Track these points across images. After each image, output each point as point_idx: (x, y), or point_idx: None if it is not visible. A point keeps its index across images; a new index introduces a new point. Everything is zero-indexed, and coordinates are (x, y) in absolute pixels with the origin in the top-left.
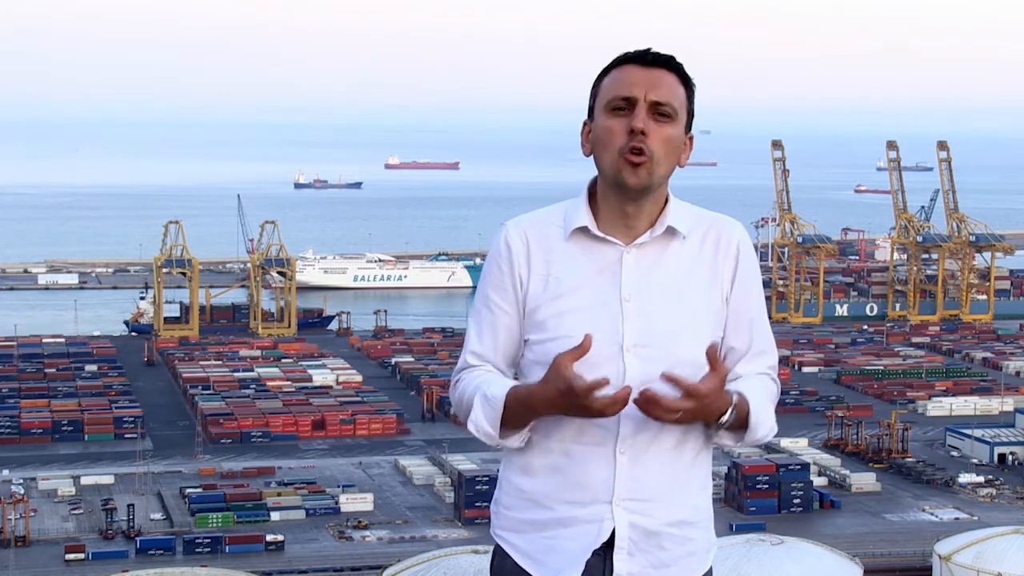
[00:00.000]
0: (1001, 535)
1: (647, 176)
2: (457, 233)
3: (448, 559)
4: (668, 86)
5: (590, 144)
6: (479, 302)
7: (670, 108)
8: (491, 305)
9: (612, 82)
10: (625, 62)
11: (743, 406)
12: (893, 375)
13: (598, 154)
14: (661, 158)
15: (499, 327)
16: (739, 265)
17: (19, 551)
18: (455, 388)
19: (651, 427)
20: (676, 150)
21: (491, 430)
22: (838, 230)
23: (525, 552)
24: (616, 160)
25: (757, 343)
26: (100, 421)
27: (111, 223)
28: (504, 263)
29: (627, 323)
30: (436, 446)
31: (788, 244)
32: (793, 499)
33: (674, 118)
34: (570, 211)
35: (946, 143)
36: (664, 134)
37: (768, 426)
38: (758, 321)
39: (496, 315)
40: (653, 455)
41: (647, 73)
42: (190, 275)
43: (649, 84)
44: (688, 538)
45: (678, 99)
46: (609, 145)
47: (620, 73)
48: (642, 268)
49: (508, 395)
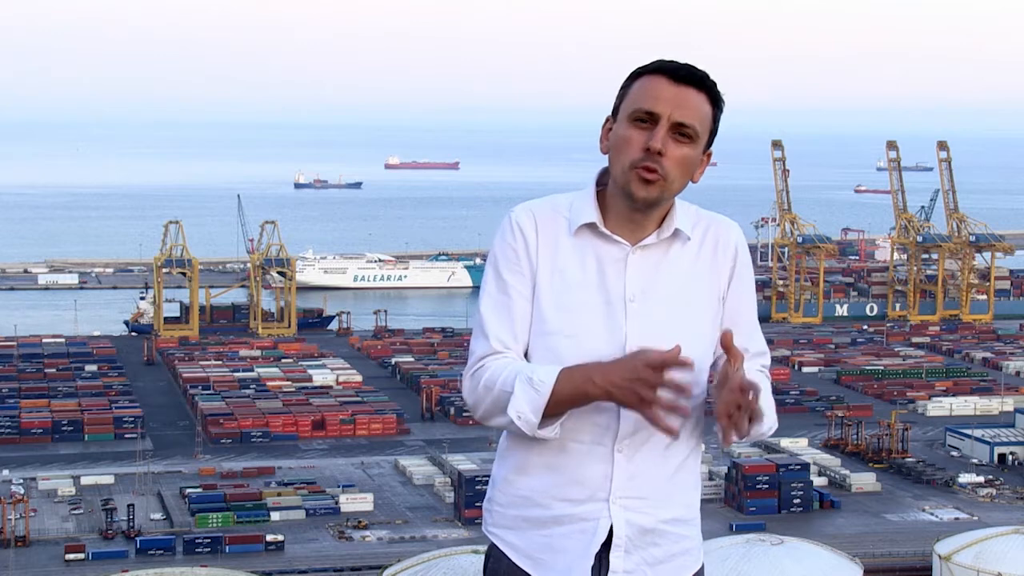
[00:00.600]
0: (1001, 535)
1: (657, 193)
2: (457, 233)
3: (448, 559)
4: (694, 107)
5: (607, 144)
6: (493, 286)
7: (692, 130)
8: (508, 289)
9: (640, 91)
10: (658, 71)
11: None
12: (893, 375)
13: (612, 159)
14: (674, 179)
15: (517, 312)
16: (736, 266)
17: (19, 551)
18: (475, 378)
19: (649, 425)
20: (690, 169)
21: (533, 417)
22: (838, 230)
23: (521, 550)
24: (627, 171)
25: (754, 343)
26: (100, 421)
27: (111, 223)
28: (519, 244)
29: (630, 324)
30: (436, 446)
31: (788, 244)
32: (793, 499)
33: (694, 139)
34: (576, 204)
35: (946, 143)
36: (680, 154)
37: (772, 419)
38: (752, 322)
39: (514, 299)
40: (648, 453)
41: (676, 90)
42: (190, 275)
43: (675, 103)
44: (682, 535)
45: (702, 120)
46: (624, 155)
47: (650, 83)
48: (646, 269)
49: (561, 374)
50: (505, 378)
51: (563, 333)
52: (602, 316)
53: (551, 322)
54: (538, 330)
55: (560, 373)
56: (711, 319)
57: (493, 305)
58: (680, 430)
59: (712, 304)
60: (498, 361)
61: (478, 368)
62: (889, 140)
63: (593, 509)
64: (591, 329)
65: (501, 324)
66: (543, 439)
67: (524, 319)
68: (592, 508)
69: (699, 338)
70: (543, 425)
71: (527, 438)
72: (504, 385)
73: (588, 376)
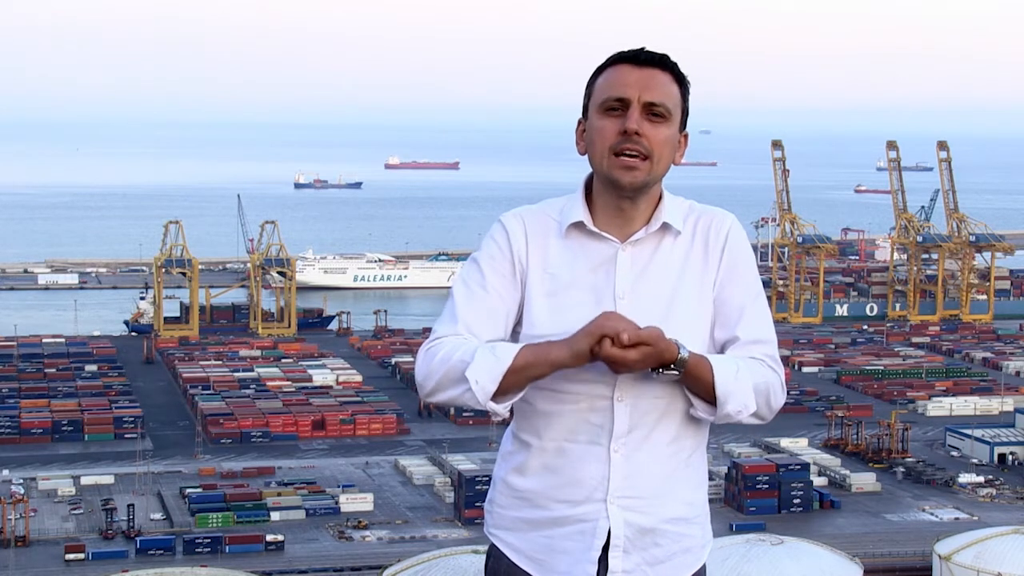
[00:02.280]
0: (1001, 535)
1: (643, 177)
2: (457, 233)
3: (448, 559)
4: (662, 86)
5: (584, 143)
6: (471, 279)
7: (664, 108)
8: (486, 284)
9: (605, 82)
10: (618, 62)
11: (702, 368)
12: (893, 375)
13: (591, 153)
14: (658, 158)
15: (490, 305)
16: (726, 253)
17: (19, 551)
18: (431, 352)
19: (646, 424)
20: (670, 149)
21: (491, 384)
22: (838, 230)
23: (522, 551)
24: (608, 159)
25: (749, 331)
26: (100, 421)
27: (111, 223)
28: (504, 246)
29: None
30: (436, 446)
31: (788, 244)
32: (793, 499)
33: (668, 118)
34: (566, 207)
35: (946, 143)
36: (657, 133)
37: (741, 401)
38: (750, 308)
39: (490, 294)
40: (647, 452)
41: (641, 73)
42: (190, 275)
43: (643, 85)
44: (683, 535)
45: (672, 99)
46: (601, 143)
47: (613, 73)
48: (636, 266)
49: (521, 349)
50: (465, 350)
51: (554, 333)
52: (592, 314)
53: (542, 324)
54: (528, 333)
55: (522, 347)
56: (705, 313)
57: (467, 294)
58: (678, 429)
59: (706, 297)
60: (458, 339)
61: (435, 343)
62: (889, 140)
63: (591, 510)
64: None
65: (471, 312)
66: (536, 438)
67: (495, 315)
68: (590, 509)
69: (691, 333)
70: (497, 398)
71: (526, 440)
72: (463, 355)
73: (545, 348)
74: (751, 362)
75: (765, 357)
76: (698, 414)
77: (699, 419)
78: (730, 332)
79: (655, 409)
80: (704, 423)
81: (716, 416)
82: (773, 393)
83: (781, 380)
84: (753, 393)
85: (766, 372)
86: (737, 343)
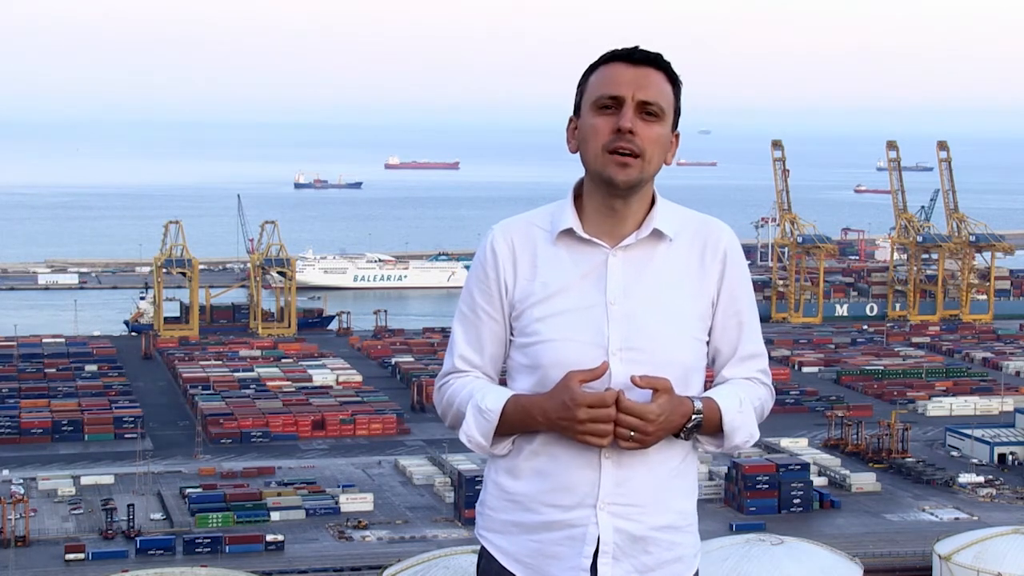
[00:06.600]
0: (1001, 535)
1: (636, 175)
2: (457, 233)
3: (448, 559)
4: (655, 85)
5: (576, 141)
6: (465, 305)
7: (657, 107)
8: (477, 309)
9: (599, 80)
10: (612, 60)
11: (711, 412)
12: (893, 375)
13: (584, 151)
14: (651, 157)
15: (484, 332)
16: (726, 268)
17: (19, 551)
18: (440, 393)
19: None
20: (664, 148)
21: (483, 441)
22: (838, 230)
23: (511, 555)
24: (601, 156)
25: (745, 347)
26: (100, 421)
27: (111, 223)
28: (490, 268)
29: (612, 327)
30: (436, 446)
31: (788, 244)
32: (793, 499)
33: (661, 117)
34: (556, 213)
35: (946, 143)
36: (651, 132)
37: (747, 432)
38: (747, 325)
39: (482, 319)
40: (639, 460)
41: (635, 72)
42: (190, 275)
43: (636, 83)
44: (674, 543)
45: (665, 98)
46: (595, 141)
47: (607, 71)
48: (628, 271)
49: (507, 404)
50: (462, 400)
51: (546, 340)
52: (584, 320)
53: (537, 333)
54: (524, 342)
55: (508, 402)
56: (697, 322)
57: (462, 323)
58: (669, 438)
59: (699, 307)
60: (459, 380)
61: (443, 384)
62: (889, 140)
63: (581, 516)
64: (574, 334)
65: (467, 342)
66: (529, 443)
67: (490, 338)
68: (580, 515)
69: (684, 340)
70: (495, 444)
71: (518, 442)
72: (460, 406)
73: (530, 413)
74: (748, 386)
75: (759, 373)
76: (704, 448)
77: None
78: (729, 347)
79: None
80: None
81: (723, 448)
82: (767, 409)
83: (771, 391)
84: (756, 421)
85: (761, 392)
86: (734, 358)
